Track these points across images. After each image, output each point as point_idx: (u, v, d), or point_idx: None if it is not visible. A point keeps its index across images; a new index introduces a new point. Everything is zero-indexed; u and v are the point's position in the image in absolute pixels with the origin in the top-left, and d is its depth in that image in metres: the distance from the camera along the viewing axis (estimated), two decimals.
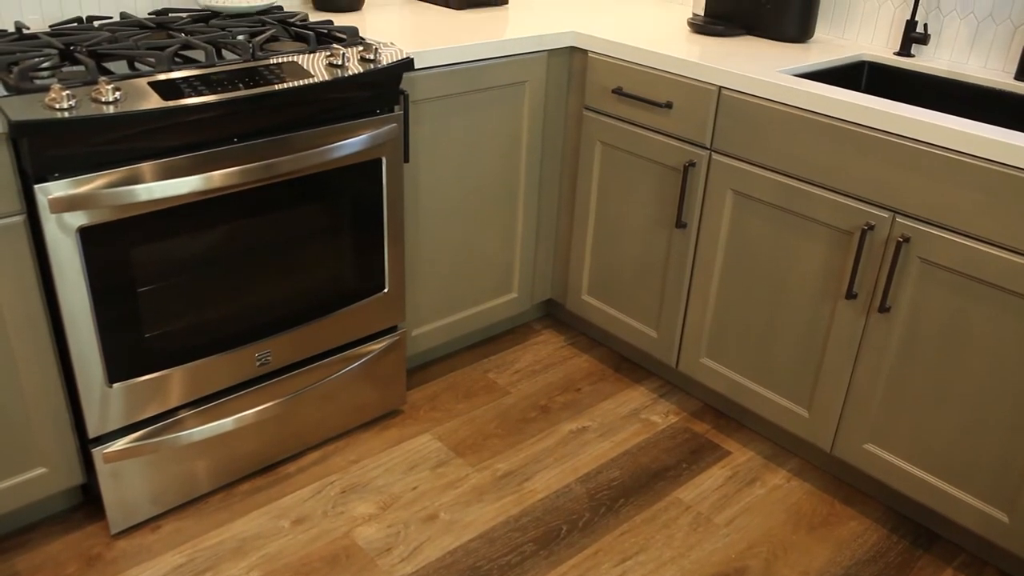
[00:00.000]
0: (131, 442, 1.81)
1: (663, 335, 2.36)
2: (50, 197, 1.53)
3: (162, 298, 1.75)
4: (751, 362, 2.18)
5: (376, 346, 2.18)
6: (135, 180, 1.62)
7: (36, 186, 1.52)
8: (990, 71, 2.14)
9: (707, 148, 2.10)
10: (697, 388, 2.46)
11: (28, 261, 1.59)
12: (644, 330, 2.41)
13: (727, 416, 2.39)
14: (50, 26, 1.99)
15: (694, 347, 2.29)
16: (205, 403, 1.91)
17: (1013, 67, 2.12)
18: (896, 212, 1.79)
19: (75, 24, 2.00)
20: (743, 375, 2.20)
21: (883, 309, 1.84)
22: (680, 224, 2.19)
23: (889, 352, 1.88)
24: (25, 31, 1.89)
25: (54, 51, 1.74)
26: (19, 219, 1.56)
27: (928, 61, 2.21)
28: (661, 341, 2.37)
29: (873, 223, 1.82)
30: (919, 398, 1.86)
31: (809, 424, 2.08)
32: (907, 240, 1.78)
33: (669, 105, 2.13)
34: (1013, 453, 1.74)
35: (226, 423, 1.93)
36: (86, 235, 1.60)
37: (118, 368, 1.74)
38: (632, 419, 2.36)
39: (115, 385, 1.74)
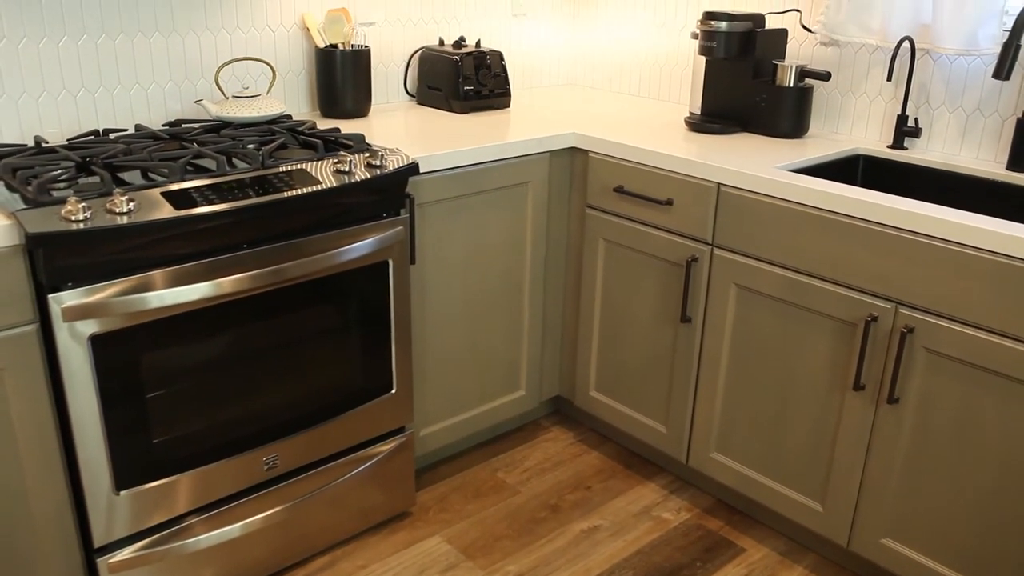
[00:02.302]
0: (137, 551, 1.79)
1: (672, 430, 2.35)
2: (63, 306, 1.55)
3: (171, 403, 1.76)
4: (762, 456, 2.16)
5: (384, 447, 2.17)
6: (146, 287, 1.64)
7: (50, 296, 1.55)
8: (982, 162, 2.19)
9: (709, 243, 2.13)
10: (709, 483, 2.42)
11: (40, 370, 1.61)
12: (653, 425, 2.40)
13: (740, 512, 2.35)
14: (68, 139, 2.06)
15: (704, 442, 2.28)
16: (212, 509, 1.89)
17: (1005, 157, 2.17)
18: (899, 303, 1.81)
19: (92, 137, 2.07)
20: (755, 469, 2.18)
21: (892, 400, 1.84)
22: (685, 319, 2.21)
23: (901, 444, 1.87)
24: (44, 145, 1.96)
25: (71, 164, 1.79)
26: (32, 328, 1.59)
27: (921, 153, 2.26)
28: (670, 436, 2.36)
29: (876, 314, 1.83)
30: (935, 491, 1.84)
31: (824, 519, 2.05)
32: (911, 331, 1.79)
33: (670, 202, 2.18)
34: None
35: (233, 529, 1.91)
36: (97, 343, 1.62)
37: (126, 475, 1.73)
38: (644, 517, 2.32)
39: (122, 493, 1.73)
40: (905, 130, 2.29)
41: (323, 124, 2.39)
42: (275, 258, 1.81)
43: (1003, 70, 1.95)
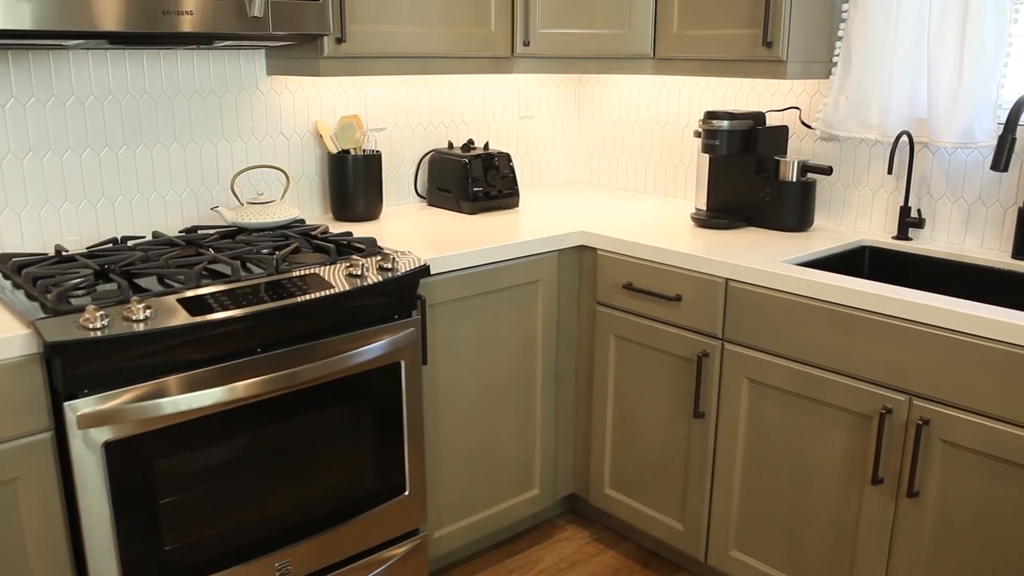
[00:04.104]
0: None
1: (689, 528, 2.31)
2: (79, 414, 1.56)
3: (183, 509, 1.75)
4: (782, 554, 2.11)
5: (398, 550, 2.14)
6: (161, 394, 1.66)
7: (66, 403, 1.56)
8: (987, 251, 2.21)
9: (719, 338, 2.14)
10: None
11: (53, 478, 1.61)
12: (670, 523, 2.36)
13: None
14: (87, 247, 2.11)
15: (722, 540, 2.23)
16: None
17: (1009, 246, 2.19)
18: (912, 395, 1.80)
19: (110, 245, 2.12)
20: (776, 568, 2.13)
21: (912, 494, 1.81)
22: (698, 414, 2.20)
23: (923, 539, 1.83)
24: (64, 253, 2.00)
25: (90, 271, 1.83)
26: (47, 436, 1.59)
27: (926, 244, 2.29)
28: (688, 534, 2.32)
29: (890, 406, 1.83)
30: None
31: None
32: (927, 423, 1.77)
33: (679, 298, 2.20)
34: None
35: None
36: (111, 449, 1.62)
37: None
38: None
39: None
40: (909, 221, 2.32)
41: (336, 227, 2.44)
42: (289, 362, 1.83)
43: (1000, 162, 1.99)
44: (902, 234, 2.33)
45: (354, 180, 2.49)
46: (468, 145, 2.74)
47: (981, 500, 1.73)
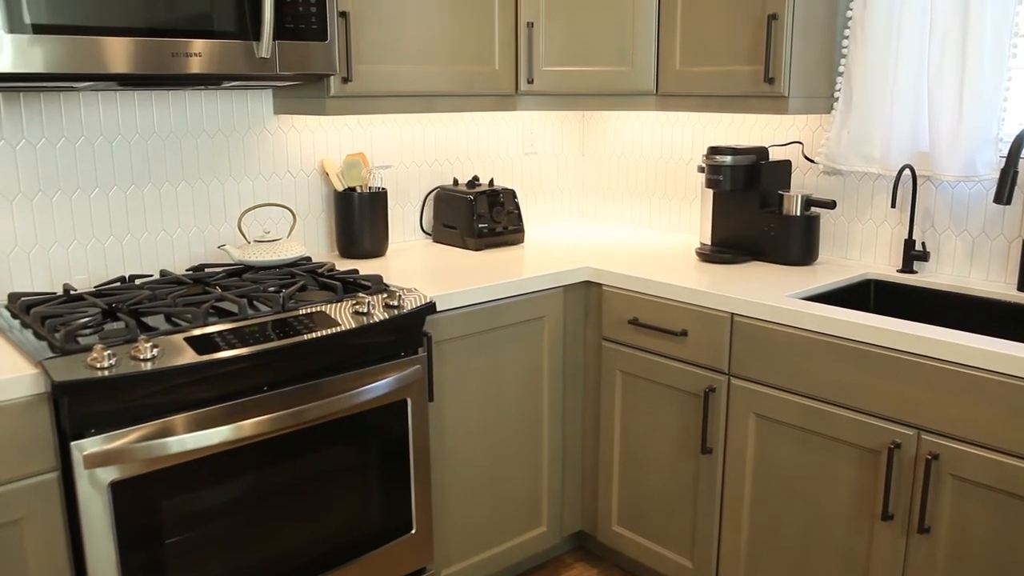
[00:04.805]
0: None
1: (699, 566, 2.28)
2: (85, 453, 1.56)
3: (188, 549, 1.74)
4: None
5: None
6: (168, 432, 1.66)
7: (73, 443, 1.56)
8: (992, 283, 2.21)
9: (725, 373, 2.14)
10: None
11: (59, 519, 1.60)
12: (679, 560, 2.34)
13: None
14: (95, 286, 2.12)
15: None
16: None
17: (1014, 279, 2.19)
18: (921, 429, 1.79)
19: (118, 283, 2.13)
20: None
21: (923, 530, 1.79)
22: (705, 450, 2.19)
23: None
24: (72, 292, 2.01)
25: (98, 310, 1.84)
26: (53, 476, 1.59)
27: (931, 277, 2.29)
28: (697, 572, 2.29)
29: (899, 441, 1.82)
30: None
31: None
32: (936, 457, 1.76)
33: (684, 333, 2.19)
34: None
35: None
36: (117, 489, 1.62)
37: None
38: None
39: None
40: (913, 254, 2.32)
41: (342, 265, 2.45)
42: (295, 400, 1.83)
43: (1003, 195, 2.00)
44: (907, 267, 2.34)
45: (360, 217, 2.50)
46: (473, 182, 2.76)
47: (993, 536, 1.72)
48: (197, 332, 1.76)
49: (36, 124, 2.04)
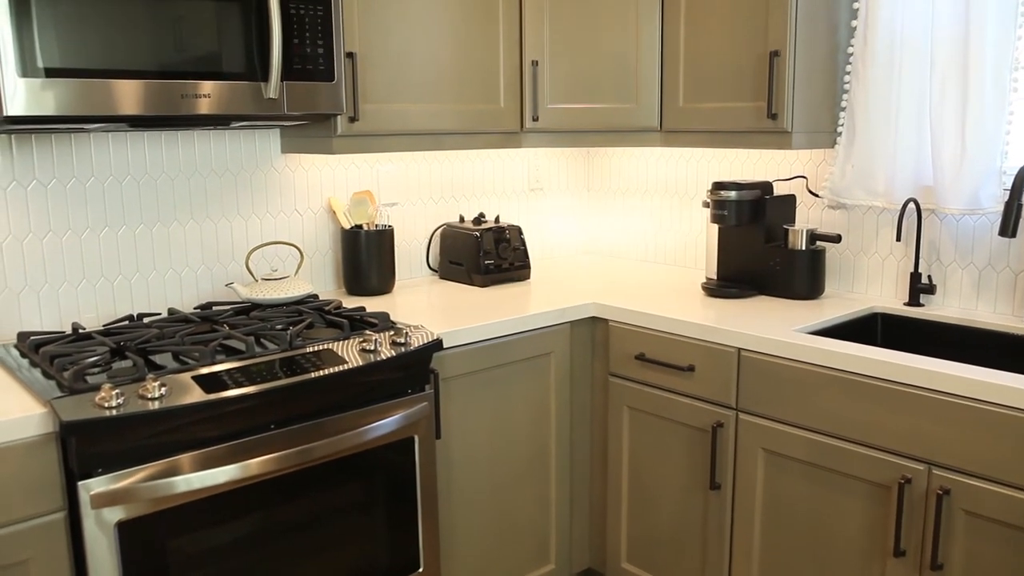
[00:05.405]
0: None
1: None
2: (92, 493, 1.56)
3: None
4: None
5: None
6: (174, 472, 1.65)
7: (80, 483, 1.56)
8: (1000, 316, 2.21)
9: (733, 408, 2.13)
10: None
11: (64, 560, 1.60)
12: None
13: None
14: (104, 324, 2.13)
15: None
16: None
17: (1022, 311, 2.19)
18: (931, 464, 1.78)
19: (126, 322, 2.14)
20: None
21: (936, 567, 1.77)
22: (714, 485, 2.17)
23: None
24: (81, 331, 2.02)
25: (106, 349, 1.85)
26: (60, 516, 1.59)
27: (938, 309, 2.29)
28: None
29: (909, 476, 1.80)
30: None
31: None
32: (947, 492, 1.75)
33: (691, 368, 2.19)
34: None
35: None
36: (123, 529, 1.61)
37: None
38: None
39: None
40: (920, 287, 2.32)
41: (349, 302, 2.46)
42: (302, 438, 1.83)
43: (1008, 228, 2.00)
44: (913, 300, 2.33)
45: (367, 255, 2.52)
46: (479, 218, 2.77)
47: (1007, 572, 1.70)
48: (205, 370, 1.76)
49: (47, 165, 2.07)
